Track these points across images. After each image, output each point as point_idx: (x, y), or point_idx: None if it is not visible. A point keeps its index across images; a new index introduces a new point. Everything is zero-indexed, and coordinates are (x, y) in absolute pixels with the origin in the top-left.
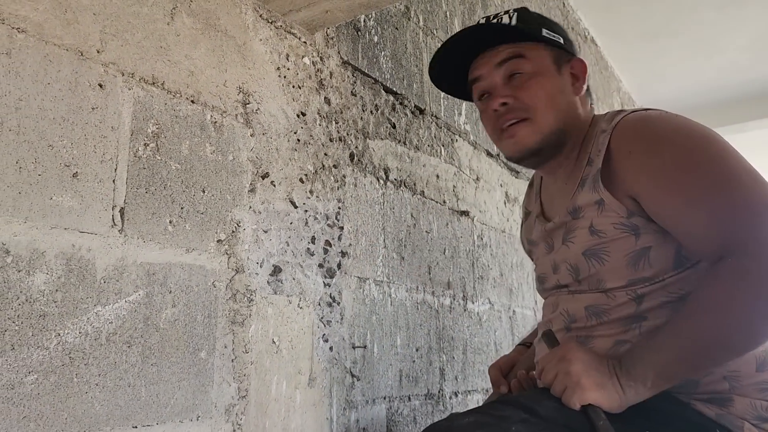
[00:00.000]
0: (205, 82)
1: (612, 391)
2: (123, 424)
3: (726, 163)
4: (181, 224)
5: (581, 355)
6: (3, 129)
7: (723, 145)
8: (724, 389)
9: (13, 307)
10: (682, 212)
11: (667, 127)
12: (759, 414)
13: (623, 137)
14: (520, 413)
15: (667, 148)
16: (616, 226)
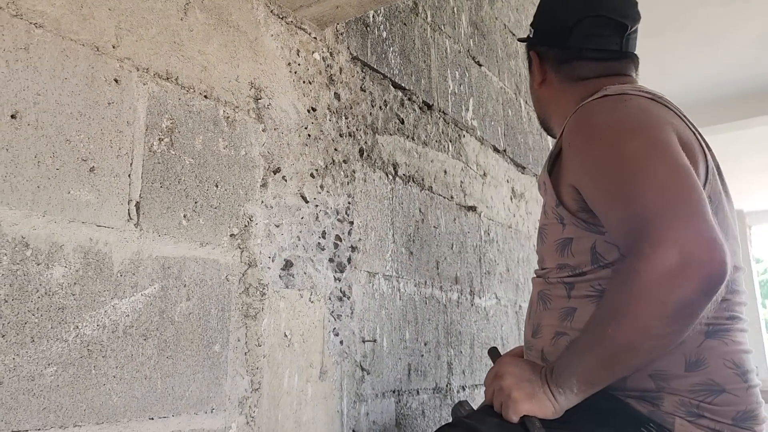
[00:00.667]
0: (217, 77)
1: (544, 399)
2: (140, 415)
3: (641, 163)
4: (195, 218)
5: (512, 369)
6: (22, 123)
7: (647, 143)
8: (651, 387)
9: (32, 299)
10: (602, 209)
11: (601, 122)
12: (690, 410)
13: (568, 128)
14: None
15: (596, 145)
16: (551, 211)
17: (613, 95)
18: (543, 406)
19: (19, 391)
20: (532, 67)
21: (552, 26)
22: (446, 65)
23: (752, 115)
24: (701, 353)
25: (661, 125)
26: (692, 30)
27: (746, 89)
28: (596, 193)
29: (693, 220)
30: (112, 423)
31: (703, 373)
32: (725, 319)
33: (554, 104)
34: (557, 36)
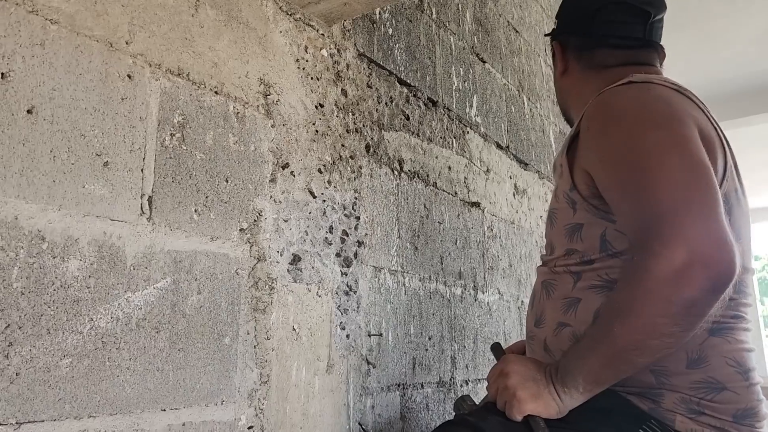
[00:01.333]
0: (227, 73)
1: (549, 399)
2: (152, 407)
3: (659, 157)
4: (206, 213)
5: (517, 367)
6: (38, 118)
7: (667, 136)
8: (652, 384)
9: (48, 292)
10: (615, 198)
11: (623, 109)
12: (691, 408)
13: (588, 113)
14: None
15: (615, 131)
16: (563, 195)
17: (638, 83)
18: (548, 406)
19: (35, 383)
20: (555, 58)
21: (574, 14)
22: (451, 62)
23: (753, 113)
24: (703, 351)
25: (684, 118)
26: (694, 28)
27: (748, 86)
28: (610, 181)
29: (705, 220)
30: (126, 414)
31: (705, 370)
32: (730, 318)
33: (576, 93)
34: (579, 23)
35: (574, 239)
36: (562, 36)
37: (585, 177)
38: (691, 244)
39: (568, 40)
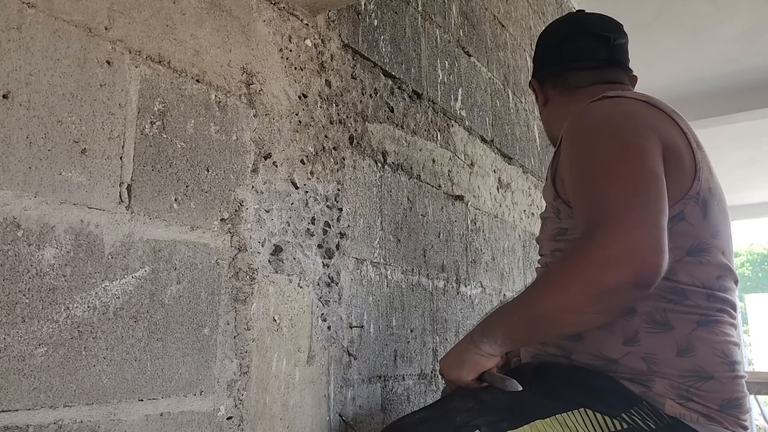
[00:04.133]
0: (209, 61)
1: (471, 355)
2: (129, 397)
3: (613, 164)
4: (186, 202)
5: (444, 360)
6: (14, 104)
7: (622, 146)
8: (643, 370)
9: (24, 280)
10: (573, 199)
11: (589, 124)
12: (680, 393)
13: (566, 126)
14: (466, 403)
15: (579, 140)
16: (549, 205)
17: (611, 97)
18: (474, 363)
19: (9, 371)
20: (537, 96)
21: (544, 52)
22: (436, 54)
23: (736, 111)
24: (692, 341)
25: (642, 130)
26: (678, 25)
27: (731, 84)
28: (571, 182)
29: (645, 222)
30: (102, 404)
31: (693, 359)
32: (716, 311)
33: (560, 116)
34: (549, 56)
35: (558, 240)
36: (538, 73)
37: (562, 184)
38: (628, 239)
39: (543, 74)
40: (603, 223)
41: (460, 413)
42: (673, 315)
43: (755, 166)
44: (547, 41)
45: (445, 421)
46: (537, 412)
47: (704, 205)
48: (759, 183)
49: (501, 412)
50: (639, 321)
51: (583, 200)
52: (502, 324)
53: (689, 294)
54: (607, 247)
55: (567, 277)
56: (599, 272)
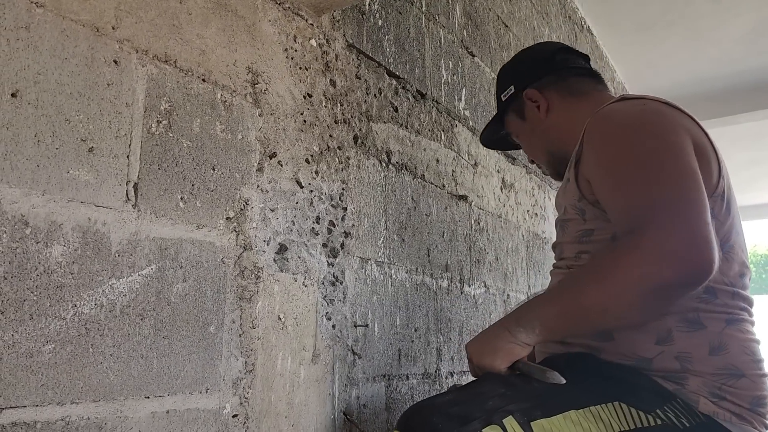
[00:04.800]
0: (215, 61)
1: (505, 345)
2: (136, 394)
3: (656, 161)
4: (192, 201)
5: (472, 345)
6: (22, 102)
7: (663, 144)
8: (676, 368)
9: (32, 277)
10: (612, 196)
11: (620, 122)
12: (713, 392)
13: (589, 127)
14: (497, 388)
15: (614, 140)
16: (571, 207)
17: (632, 99)
18: (508, 353)
19: (17, 368)
20: (526, 109)
21: (533, 63)
22: (440, 55)
23: (739, 111)
24: (723, 339)
25: (677, 129)
26: (681, 26)
27: (733, 85)
28: (608, 181)
29: (695, 219)
30: (109, 401)
31: (725, 357)
32: (739, 310)
33: (569, 122)
34: (542, 66)
35: (583, 242)
36: (535, 83)
37: (588, 186)
38: (683, 235)
39: (543, 83)
40: (655, 218)
41: (492, 398)
42: (704, 314)
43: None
44: (534, 56)
45: (476, 404)
46: (571, 402)
47: (728, 203)
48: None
49: (534, 400)
50: (672, 320)
51: (627, 197)
52: (541, 314)
53: (718, 293)
54: (661, 243)
55: (619, 271)
56: (653, 268)
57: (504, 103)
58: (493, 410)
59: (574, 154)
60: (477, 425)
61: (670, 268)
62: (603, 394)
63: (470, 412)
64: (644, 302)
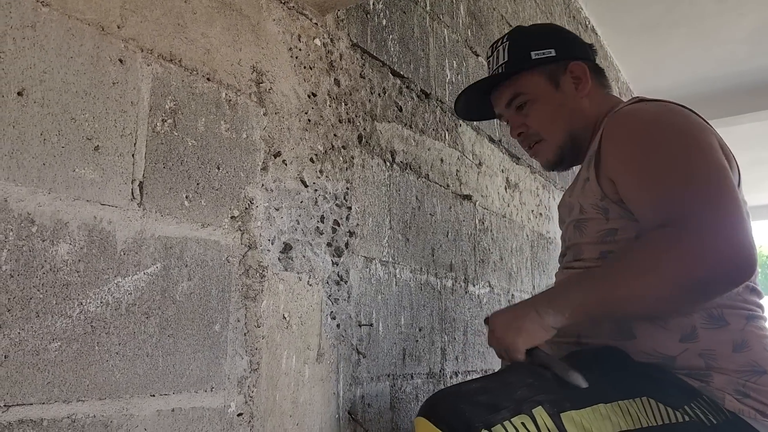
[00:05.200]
0: (220, 60)
1: (532, 324)
2: (141, 392)
3: (689, 157)
4: (197, 200)
5: (499, 318)
6: (28, 101)
7: (693, 142)
8: (701, 366)
9: (38, 275)
10: (642, 195)
11: (647, 120)
12: (738, 389)
13: (610, 125)
14: (525, 378)
15: (640, 139)
16: (592, 206)
17: (650, 100)
18: (534, 332)
19: (24, 365)
20: (563, 80)
21: (580, 42)
22: (444, 54)
23: (743, 112)
24: (745, 335)
25: (702, 127)
26: (686, 26)
27: (738, 85)
28: (638, 180)
29: (738, 217)
30: (115, 399)
31: (748, 354)
32: (756, 306)
33: (593, 113)
34: (584, 51)
35: (607, 242)
36: (583, 60)
37: (610, 185)
38: (726, 234)
39: (586, 62)
40: (697, 212)
41: (520, 387)
42: (727, 310)
43: (762, 168)
44: (575, 36)
45: (505, 394)
46: (599, 395)
47: (743, 203)
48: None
49: (563, 391)
50: (697, 317)
51: (659, 192)
52: (574, 300)
53: (739, 289)
54: (705, 238)
55: (663, 263)
56: (698, 263)
57: (532, 61)
58: (522, 400)
59: (593, 153)
60: (506, 414)
61: (714, 265)
62: (631, 389)
63: (499, 400)
64: (683, 297)
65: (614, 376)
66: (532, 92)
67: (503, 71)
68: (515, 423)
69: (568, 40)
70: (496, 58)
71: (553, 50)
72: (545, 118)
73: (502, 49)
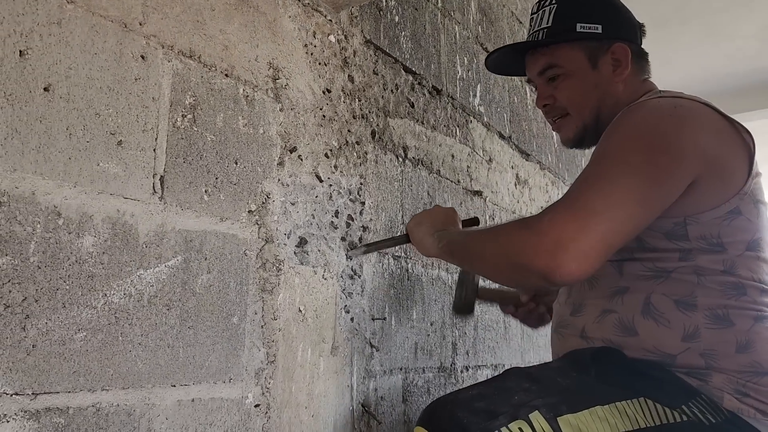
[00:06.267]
0: (238, 56)
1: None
2: (163, 382)
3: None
4: (216, 194)
5: (418, 223)
6: (55, 96)
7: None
8: (701, 365)
9: (64, 267)
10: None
11: (633, 125)
12: (737, 389)
13: (613, 122)
14: (522, 383)
15: (611, 137)
16: None
17: (668, 97)
18: (424, 246)
19: (51, 355)
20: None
21: (630, 23)
22: (455, 51)
23: (753, 108)
24: (750, 337)
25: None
26: (696, 22)
27: (748, 82)
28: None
29: (594, 237)
30: (137, 388)
31: (751, 354)
32: (766, 307)
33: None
34: (632, 33)
35: None
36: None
37: None
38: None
39: (631, 46)
40: (556, 212)
41: (517, 392)
42: (734, 311)
43: None
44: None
45: (501, 399)
46: (596, 397)
47: (756, 201)
48: None
49: (560, 395)
50: (700, 316)
51: (576, 183)
52: (451, 239)
53: (748, 289)
54: (538, 234)
55: (506, 237)
56: (516, 249)
57: (575, 34)
58: (519, 405)
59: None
60: (503, 420)
61: (523, 256)
62: (628, 390)
63: (496, 406)
64: (504, 278)
65: (611, 377)
66: (568, 66)
67: (544, 38)
68: (512, 429)
69: (617, 17)
70: (539, 19)
71: (600, 26)
72: (576, 95)
73: (548, 10)
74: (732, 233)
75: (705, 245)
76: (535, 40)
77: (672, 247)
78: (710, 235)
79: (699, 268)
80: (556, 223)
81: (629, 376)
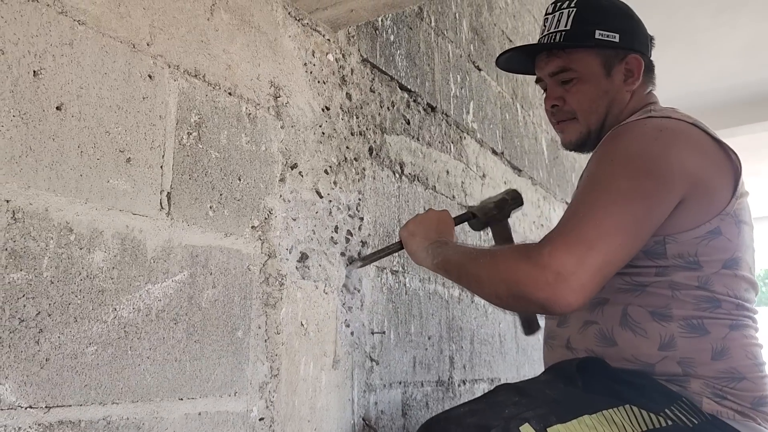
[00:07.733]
0: (240, 75)
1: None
2: (170, 396)
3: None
4: (221, 210)
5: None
6: (67, 115)
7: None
8: (679, 372)
9: (76, 282)
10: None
11: (621, 145)
12: (715, 392)
13: (604, 140)
14: (511, 397)
15: (600, 162)
16: None
17: (656, 118)
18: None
19: (63, 368)
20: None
21: (646, 36)
22: (448, 69)
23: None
24: (726, 343)
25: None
26: (680, 40)
27: (733, 99)
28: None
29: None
30: (146, 402)
31: (727, 361)
32: (742, 317)
33: (629, 109)
34: (644, 45)
35: None
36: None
37: None
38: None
39: (644, 57)
40: (555, 245)
41: (507, 406)
42: (708, 320)
43: (757, 180)
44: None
45: (492, 414)
46: (584, 407)
47: (739, 221)
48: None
49: (548, 406)
50: (675, 326)
51: (566, 213)
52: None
53: (722, 303)
54: (539, 266)
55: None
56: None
57: (593, 40)
58: (510, 418)
59: None
60: None
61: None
62: (614, 398)
63: (487, 421)
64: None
65: (597, 387)
66: (582, 71)
67: (561, 40)
68: None
69: (634, 27)
70: (557, 20)
71: (618, 36)
72: (586, 101)
73: (567, 13)
74: (709, 252)
75: (682, 263)
76: (553, 42)
77: (649, 264)
78: (687, 254)
79: (674, 283)
80: (556, 257)
81: (614, 384)
